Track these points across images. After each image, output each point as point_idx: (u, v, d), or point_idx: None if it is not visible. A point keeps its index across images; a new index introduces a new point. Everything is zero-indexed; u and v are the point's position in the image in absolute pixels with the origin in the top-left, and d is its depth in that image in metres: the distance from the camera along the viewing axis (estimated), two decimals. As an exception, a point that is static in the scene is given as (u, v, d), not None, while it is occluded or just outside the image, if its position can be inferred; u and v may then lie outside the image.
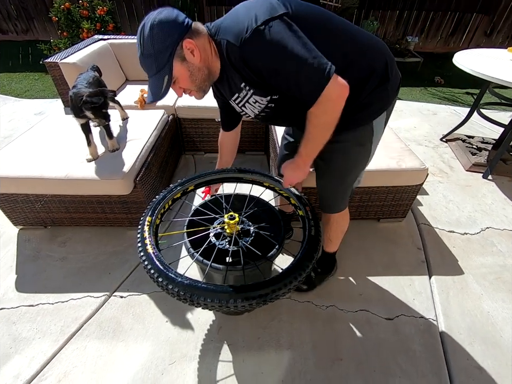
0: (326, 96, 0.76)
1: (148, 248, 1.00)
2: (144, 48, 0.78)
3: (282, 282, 0.91)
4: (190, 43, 0.78)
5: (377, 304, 1.42)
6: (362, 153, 1.05)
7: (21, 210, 1.63)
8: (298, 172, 0.98)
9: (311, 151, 0.92)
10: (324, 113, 0.81)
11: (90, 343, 1.24)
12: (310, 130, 0.86)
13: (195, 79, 0.85)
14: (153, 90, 0.82)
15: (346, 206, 1.22)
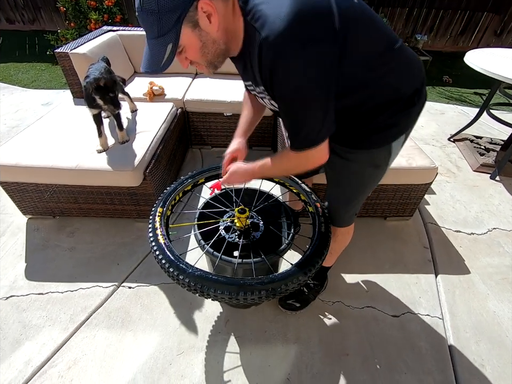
0: (306, 155, 0.77)
1: (159, 239, 1.01)
2: (143, 3, 0.59)
3: (293, 277, 0.91)
4: (208, 5, 0.60)
5: (384, 301, 1.42)
6: (376, 174, 1.00)
7: (30, 200, 1.64)
8: (245, 178, 0.96)
9: (266, 173, 0.93)
10: (295, 164, 0.83)
11: (99, 332, 1.26)
12: (277, 162, 0.86)
13: (206, 52, 0.69)
14: (151, 58, 0.65)
15: (353, 221, 1.19)
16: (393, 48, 0.77)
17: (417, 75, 0.84)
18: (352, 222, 1.19)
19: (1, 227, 1.69)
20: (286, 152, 0.82)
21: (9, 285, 1.41)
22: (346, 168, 0.98)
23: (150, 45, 0.65)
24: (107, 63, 1.76)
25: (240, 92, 2.22)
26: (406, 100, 0.82)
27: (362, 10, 0.71)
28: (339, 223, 1.16)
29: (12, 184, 1.56)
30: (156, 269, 1.50)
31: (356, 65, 0.72)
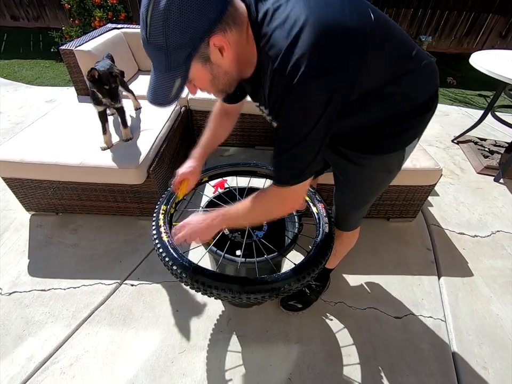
0: (286, 192, 0.72)
1: (163, 236, 1.01)
2: (152, 34, 0.54)
3: (296, 277, 0.91)
4: (221, 40, 0.57)
5: (386, 303, 1.42)
6: (387, 179, 0.98)
7: (33, 196, 1.64)
8: (199, 235, 0.83)
9: (230, 222, 0.82)
10: (270, 203, 0.77)
11: (101, 329, 1.26)
12: (246, 206, 0.78)
13: (217, 83, 0.66)
14: (158, 91, 0.61)
15: (359, 224, 1.18)
16: (410, 57, 0.74)
17: (433, 81, 0.82)
18: (359, 225, 1.19)
19: (5, 223, 1.70)
20: (259, 193, 0.78)
21: (12, 281, 1.42)
22: (358, 174, 0.96)
23: (156, 77, 0.61)
24: (111, 60, 1.76)
25: (244, 91, 2.22)
26: (421, 106, 0.80)
27: (381, 25, 0.67)
28: (345, 227, 1.16)
29: (15, 180, 1.56)
30: (158, 267, 1.50)
31: (372, 83, 0.70)
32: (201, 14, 0.53)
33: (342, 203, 1.11)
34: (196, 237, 0.83)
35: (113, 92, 1.44)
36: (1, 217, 1.73)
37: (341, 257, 1.32)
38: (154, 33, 0.54)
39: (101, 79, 1.38)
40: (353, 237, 1.23)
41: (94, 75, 1.36)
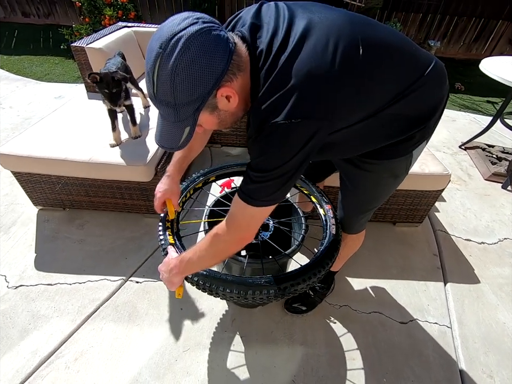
0: (250, 210, 0.69)
1: (169, 236, 1.01)
2: (159, 91, 0.56)
3: (302, 277, 0.91)
4: (228, 91, 0.59)
5: (391, 307, 1.41)
6: (394, 184, 0.97)
7: (41, 191, 1.65)
8: (166, 284, 0.86)
9: (189, 269, 0.82)
10: (228, 232, 0.73)
11: (106, 324, 1.26)
12: (212, 235, 0.76)
13: (224, 124, 0.69)
14: (168, 137, 0.63)
15: (364, 228, 1.17)
16: (423, 75, 0.73)
17: (444, 90, 0.80)
18: (363, 229, 1.18)
19: (13, 217, 1.71)
20: (221, 223, 0.76)
21: (19, 275, 1.42)
22: (364, 179, 0.96)
23: (165, 125, 0.63)
24: (123, 58, 1.78)
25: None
26: (430, 113, 0.79)
27: (371, 56, 0.65)
28: (350, 230, 1.15)
29: (24, 174, 1.57)
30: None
31: (363, 113, 0.70)
32: (208, 71, 0.54)
33: (347, 206, 1.10)
34: (165, 285, 0.87)
35: (113, 96, 1.40)
36: (9, 211, 1.75)
37: (344, 260, 1.31)
38: (162, 92, 0.56)
39: (102, 82, 1.36)
40: (358, 240, 1.23)
41: (95, 78, 1.34)
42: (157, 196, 0.98)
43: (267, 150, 0.63)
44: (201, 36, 0.53)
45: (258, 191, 0.68)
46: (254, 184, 0.67)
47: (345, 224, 1.14)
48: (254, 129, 0.64)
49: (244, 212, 0.71)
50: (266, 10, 0.68)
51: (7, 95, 3.03)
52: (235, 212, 0.73)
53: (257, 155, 0.65)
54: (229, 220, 0.74)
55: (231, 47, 0.57)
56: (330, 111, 0.62)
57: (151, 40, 0.56)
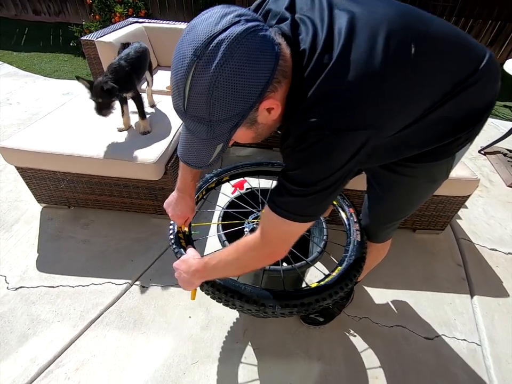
0: (269, 229, 0.64)
1: (181, 239, 0.94)
2: (190, 106, 0.48)
3: (328, 292, 0.82)
4: (271, 103, 0.51)
5: (415, 321, 1.31)
6: (431, 190, 0.87)
7: (46, 188, 1.59)
8: (183, 284, 0.80)
9: (212, 274, 0.76)
10: (259, 246, 0.66)
11: (110, 332, 1.18)
12: (239, 244, 0.69)
13: (259, 138, 0.61)
14: (196, 155, 0.56)
15: (391, 237, 1.07)
16: (477, 71, 0.63)
17: (497, 87, 0.70)
18: (390, 238, 1.08)
19: (16, 214, 1.65)
20: (252, 233, 0.70)
21: (19, 275, 1.35)
22: (397, 184, 0.85)
23: (193, 141, 0.55)
24: (142, 48, 1.70)
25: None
26: (481, 114, 0.69)
27: (425, 53, 0.57)
28: (375, 239, 1.05)
29: (29, 170, 1.51)
30: (172, 268, 1.42)
31: (410, 118, 0.62)
32: (253, 83, 0.46)
33: (374, 214, 1.00)
34: (181, 284, 0.80)
35: (101, 106, 1.30)
36: (13, 208, 1.68)
37: (368, 270, 1.21)
38: (195, 107, 0.47)
39: (91, 89, 1.28)
40: (383, 250, 1.13)
41: (85, 84, 1.26)
42: (174, 216, 0.92)
43: (310, 162, 0.55)
44: (246, 40, 0.44)
45: (297, 206, 0.60)
46: (292, 198, 0.59)
47: (370, 232, 1.04)
48: (294, 139, 0.55)
49: (279, 227, 0.63)
50: None
51: (15, 90, 3.00)
52: (268, 227, 0.65)
53: (297, 166, 0.57)
54: (261, 235, 0.66)
55: (277, 49, 0.48)
56: (380, 119, 0.55)
57: (181, 43, 0.47)
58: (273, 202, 0.61)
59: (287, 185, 0.59)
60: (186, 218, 0.94)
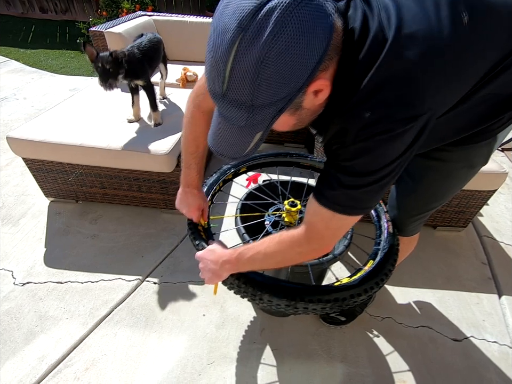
0: (318, 224, 0.58)
1: (201, 232, 0.88)
2: (231, 89, 0.41)
3: (363, 287, 0.76)
4: (322, 84, 0.44)
5: (441, 322, 1.24)
6: (467, 177, 0.80)
7: (54, 181, 1.54)
8: (208, 277, 0.73)
9: (245, 266, 0.69)
10: (305, 241, 0.61)
11: (121, 330, 1.13)
12: (280, 236, 0.64)
13: (299, 125, 0.54)
14: (230, 144, 0.49)
15: (419, 230, 1.01)
16: None
17: None
18: (418, 231, 1.02)
19: (23, 208, 1.60)
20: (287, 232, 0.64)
21: (27, 270, 1.30)
22: (431, 171, 0.79)
23: (229, 129, 0.48)
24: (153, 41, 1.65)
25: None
26: None
27: (489, 12, 0.51)
28: (403, 232, 0.98)
29: (37, 162, 1.46)
30: (184, 264, 1.37)
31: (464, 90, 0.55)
32: (307, 58, 0.39)
33: (404, 205, 0.93)
34: (205, 277, 0.74)
35: (105, 73, 1.21)
36: (19, 202, 1.64)
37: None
38: (236, 90, 0.41)
39: (97, 57, 1.22)
40: (410, 244, 1.06)
41: (91, 53, 1.21)
42: (192, 213, 0.86)
43: (369, 153, 0.49)
44: (300, 7, 0.37)
45: (351, 199, 0.54)
46: (345, 190, 0.53)
47: (397, 225, 0.97)
48: (353, 136, 0.48)
49: (329, 222, 0.57)
50: None
51: (22, 86, 2.97)
52: (316, 221, 0.59)
53: (354, 157, 0.51)
54: (307, 230, 0.60)
55: (331, 20, 0.41)
56: (438, 100, 0.49)
57: (220, 16, 0.39)
58: (323, 196, 0.56)
59: (340, 176, 0.53)
60: (201, 210, 0.89)
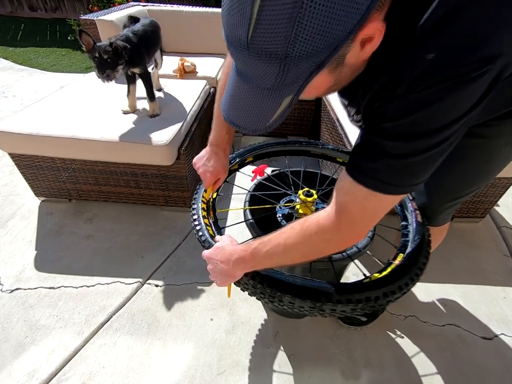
0: (351, 206, 0.47)
1: (207, 227, 0.77)
2: (260, 36, 0.31)
3: (396, 284, 0.66)
4: (375, 28, 0.34)
5: (468, 319, 1.15)
6: (509, 156, 0.71)
7: (44, 179, 1.43)
8: (218, 279, 0.62)
9: (262, 263, 0.57)
10: (335, 227, 0.49)
11: (120, 338, 1.02)
12: (302, 224, 0.53)
13: (335, 88, 0.45)
14: (252, 113, 0.41)
15: (449, 219, 0.91)
16: None
17: None
18: (448, 220, 0.92)
19: (11, 209, 1.48)
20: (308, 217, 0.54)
21: (15, 275, 1.19)
22: (469, 149, 0.69)
23: (250, 92, 0.39)
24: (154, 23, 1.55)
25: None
26: None
27: None
28: (434, 222, 0.88)
29: (25, 158, 1.35)
30: (187, 264, 1.26)
31: None
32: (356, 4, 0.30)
33: (435, 190, 0.83)
34: (216, 279, 0.63)
35: (102, 63, 1.11)
36: (8, 202, 1.52)
37: None
38: (267, 33, 0.31)
39: (94, 48, 1.11)
40: (440, 235, 0.97)
41: (87, 42, 1.09)
42: (205, 172, 0.76)
43: (424, 107, 0.38)
44: None
45: (396, 172, 0.44)
46: (390, 160, 0.43)
47: (426, 213, 0.87)
48: (404, 88, 0.38)
49: (365, 203, 0.46)
50: None
51: (11, 84, 2.85)
52: (348, 203, 0.48)
53: (402, 114, 0.39)
54: (338, 214, 0.49)
55: None
56: None
57: None
58: (359, 171, 0.45)
59: (384, 143, 0.42)
60: (217, 178, 0.79)
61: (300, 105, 2.04)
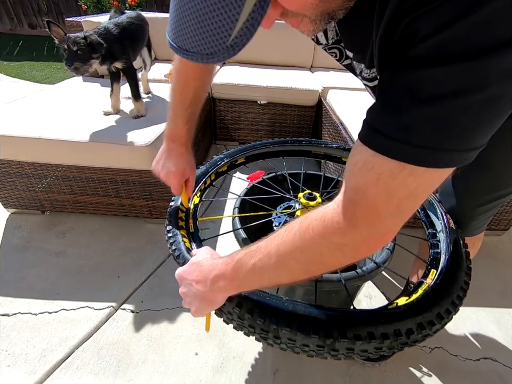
0: (371, 188, 0.31)
1: (184, 239, 0.61)
2: None
3: (434, 312, 0.49)
4: None
5: (506, 351, 0.95)
6: None
7: (13, 187, 1.26)
8: (198, 297, 0.46)
9: (251, 279, 0.41)
10: (350, 223, 0.33)
11: (81, 380, 0.82)
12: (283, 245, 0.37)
13: (325, 6, 0.31)
14: (207, 25, 0.25)
15: (484, 229, 0.76)
16: None
17: None
18: (483, 230, 0.76)
19: (-26, 222, 1.31)
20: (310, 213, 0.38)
21: (-36, 300, 1.00)
22: (507, 140, 0.55)
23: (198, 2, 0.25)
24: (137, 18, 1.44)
25: (278, 78, 1.89)
26: None
27: None
28: (467, 230, 0.73)
29: (-10, 164, 1.19)
30: (172, 286, 1.08)
31: None
32: None
33: (464, 190, 0.69)
34: (190, 306, 0.48)
35: (73, 56, 1.03)
36: (-28, 215, 1.35)
37: None
38: None
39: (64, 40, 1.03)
40: (474, 247, 0.80)
41: (58, 35, 1.03)
42: (173, 178, 0.61)
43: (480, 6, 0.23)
44: None
45: (441, 124, 0.27)
46: (426, 108, 0.27)
47: (456, 219, 0.71)
48: None
49: (394, 184, 0.30)
50: None
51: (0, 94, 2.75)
52: (368, 185, 0.31)
53: (447, 20, 0.25)
54: (352, 204, 0.33)
55: None
56: None
57: None
58: (381, 133, 0.29)
59: (416, 79, 0.27)
60: (185, 178, 0.63)
61: (299, 111, 1.93)
